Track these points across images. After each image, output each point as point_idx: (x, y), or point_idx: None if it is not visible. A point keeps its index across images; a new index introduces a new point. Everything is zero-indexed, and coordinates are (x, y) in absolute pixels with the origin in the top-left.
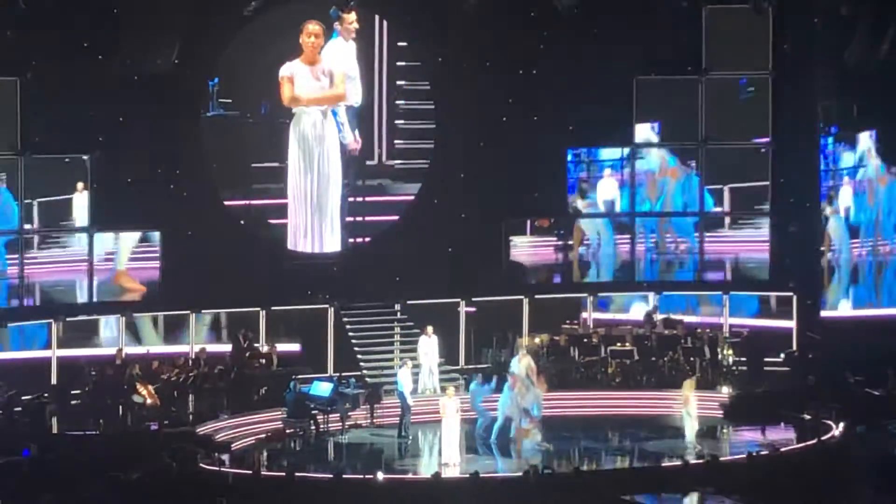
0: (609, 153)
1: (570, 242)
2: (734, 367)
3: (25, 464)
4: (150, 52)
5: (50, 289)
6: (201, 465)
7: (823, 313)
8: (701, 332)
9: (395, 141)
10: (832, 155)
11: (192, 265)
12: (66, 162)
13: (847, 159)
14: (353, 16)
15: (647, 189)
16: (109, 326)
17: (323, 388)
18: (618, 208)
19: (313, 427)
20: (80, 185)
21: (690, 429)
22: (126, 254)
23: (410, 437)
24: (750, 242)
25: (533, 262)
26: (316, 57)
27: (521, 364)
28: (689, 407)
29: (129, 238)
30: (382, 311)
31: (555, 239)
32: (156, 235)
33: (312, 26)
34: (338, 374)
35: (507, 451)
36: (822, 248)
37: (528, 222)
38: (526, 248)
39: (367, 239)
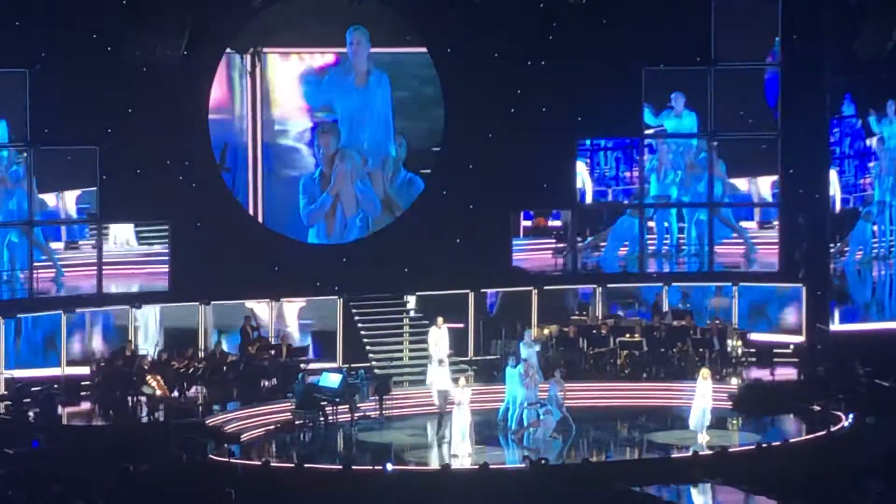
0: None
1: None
2: (743, 359)
3: (35, 455)
4: (158, 44)
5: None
6: (210, 456)
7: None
8: (710, 323)
9: None
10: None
11: (201, 256)
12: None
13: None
14: None
15: None
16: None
17: (332, 380)
18: (588, 199)
19: (322, 418)
20: None
21: (698, 419)
22: None
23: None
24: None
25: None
26: None
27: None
28: (706, 400)
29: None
30: (391, 303)
31: (553, 241)
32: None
33: None
34: (347, 366)
35: (521, 440)
36: (844, 249)
37: (521, 224)
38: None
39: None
